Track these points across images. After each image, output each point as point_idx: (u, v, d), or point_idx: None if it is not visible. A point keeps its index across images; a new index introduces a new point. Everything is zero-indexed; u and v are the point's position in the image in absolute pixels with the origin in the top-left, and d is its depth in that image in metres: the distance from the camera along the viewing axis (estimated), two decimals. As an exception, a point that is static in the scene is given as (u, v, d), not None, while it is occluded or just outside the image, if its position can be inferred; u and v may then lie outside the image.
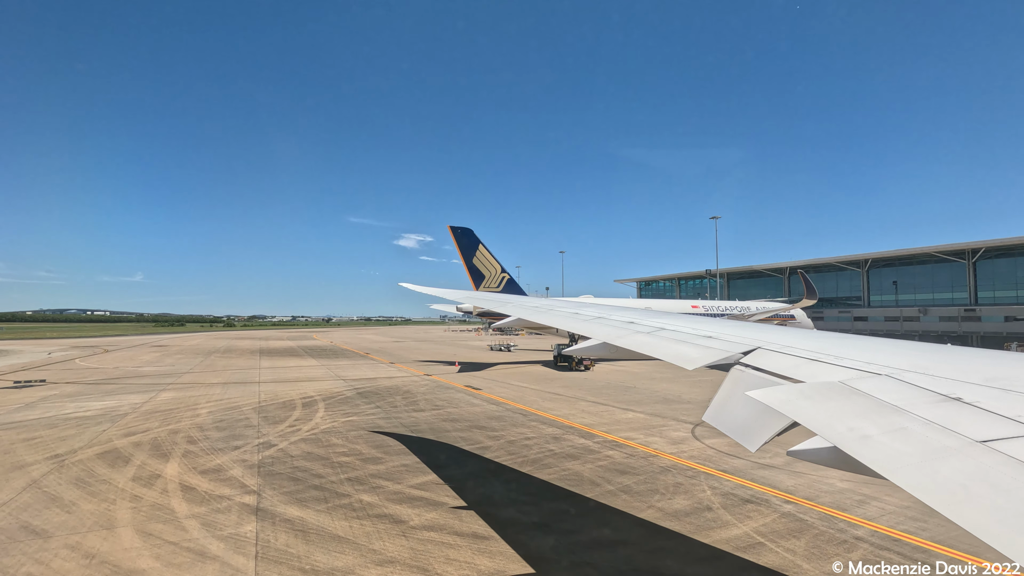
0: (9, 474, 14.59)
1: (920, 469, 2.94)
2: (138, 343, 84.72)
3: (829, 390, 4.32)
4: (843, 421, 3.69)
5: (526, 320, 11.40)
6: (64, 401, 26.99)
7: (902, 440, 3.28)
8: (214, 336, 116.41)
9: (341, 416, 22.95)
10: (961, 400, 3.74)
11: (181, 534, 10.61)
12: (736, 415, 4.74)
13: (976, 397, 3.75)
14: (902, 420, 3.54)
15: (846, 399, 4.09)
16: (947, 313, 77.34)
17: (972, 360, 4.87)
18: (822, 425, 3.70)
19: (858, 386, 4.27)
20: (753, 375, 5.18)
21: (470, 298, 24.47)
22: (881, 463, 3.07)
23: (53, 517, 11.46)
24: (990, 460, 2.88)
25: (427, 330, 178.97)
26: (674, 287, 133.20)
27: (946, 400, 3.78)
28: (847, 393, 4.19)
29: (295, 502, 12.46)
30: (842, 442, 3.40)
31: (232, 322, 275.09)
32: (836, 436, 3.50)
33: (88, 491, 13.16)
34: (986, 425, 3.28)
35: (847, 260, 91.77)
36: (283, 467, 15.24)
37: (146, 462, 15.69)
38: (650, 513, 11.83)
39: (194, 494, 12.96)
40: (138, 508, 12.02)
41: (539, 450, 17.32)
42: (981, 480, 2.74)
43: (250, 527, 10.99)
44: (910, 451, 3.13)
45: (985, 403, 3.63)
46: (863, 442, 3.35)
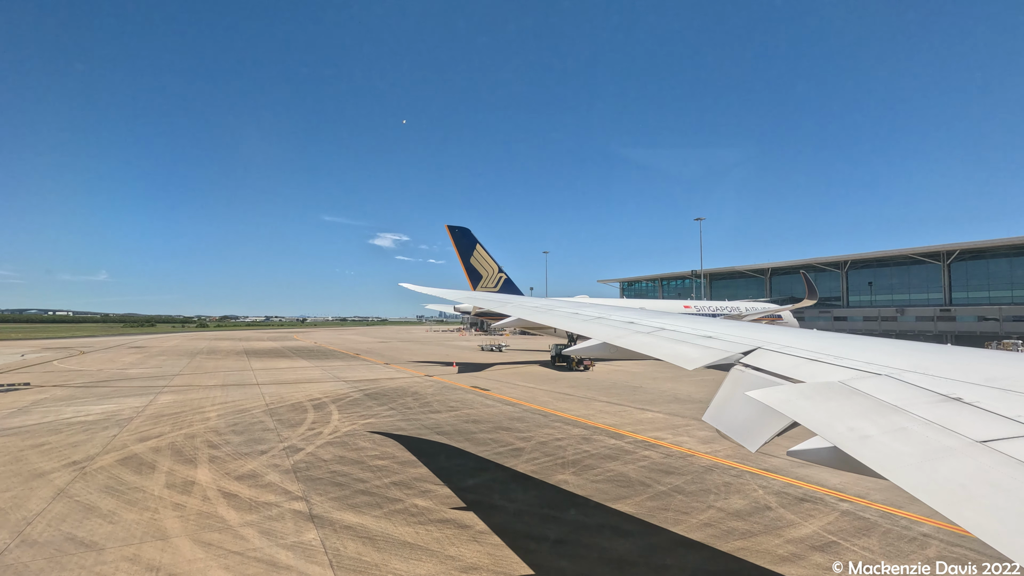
0: (30, 483, 13.82)
1: (920, 469, 2.95)
2: (113, 344, 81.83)
3: (829, 390, 4.33)
4: (843, 421, 3.71)
5: (526, 320, 11.32)
6: (59, 405, 25.81)
7: (902, 440, 3.29)
8: (191, 337, 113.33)
9: (358, 419, 22.46)
10: (961, 400, 3.75)
11: (242, 543, 10.17)
12: (736, 415, 4.74)
13: (976, 397, 3.76)
14: (902, 420, 3.56)
15: (846, 399, 4.10)
16: (923, 313, 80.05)
17: (972, 360, 4.90)
18: (822, 425, 3.70)
19: (858, 386, 4.29)
20: (753, 375, 5.18)
21: (470, 298, 24.26)
22: (881, 463, 3.08)
23: (97, 528, 10.87)
24: (990, 460, 2.89)
25: (408, 330, 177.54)
26: (656, 288, 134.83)
27: (946, 400, 3.79)
28: (847, 393, 4.21)
29: (348, 508, 12.08)
30: (842, 442, 3.40)
31: (205, 323, 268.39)
32: (836, 436, 3.50)
33: (124, 500, 12.54)
34: (986, 425, 3.29)
35: (827, 261, 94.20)
36: (319, 472, 14.80)
37: (174, 468, 15.06)
38: (712, 513, 11.81)
39: (238, 501, 12.47)
40: (185, 517, 11.49)
41: (574, 451, 17.21)
42: (981, 480, 2.75)
43: (312, 535, 10.60)
44: (910, 451, 3.13)
45: (985, 403, 3.64)
46: (863, 442, 3.36)
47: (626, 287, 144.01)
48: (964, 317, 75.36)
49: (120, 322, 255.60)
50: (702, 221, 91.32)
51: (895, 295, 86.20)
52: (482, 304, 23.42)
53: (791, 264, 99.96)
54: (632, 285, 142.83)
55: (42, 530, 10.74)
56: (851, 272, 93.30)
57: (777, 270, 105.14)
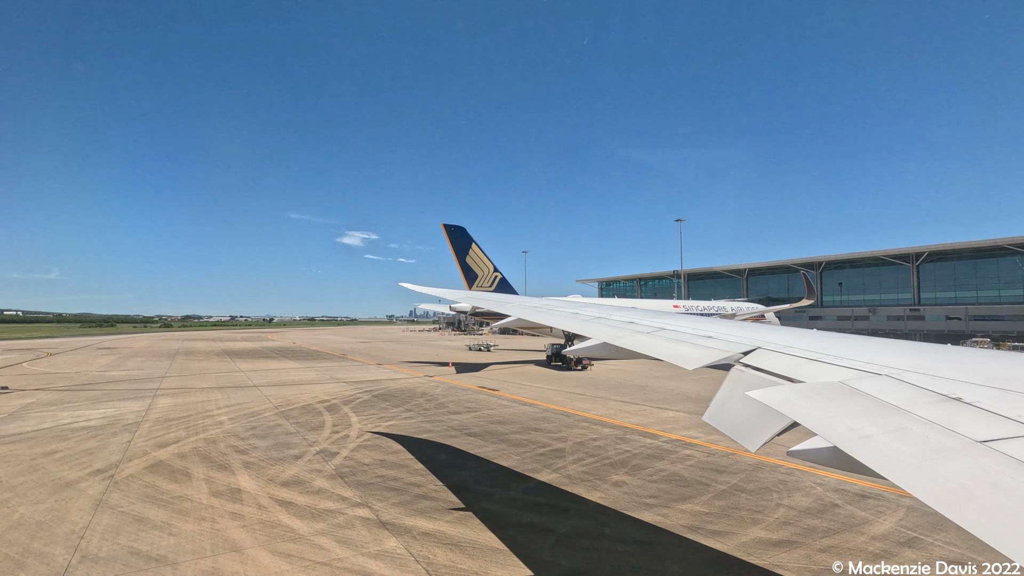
0: (61, 493, 12.93)
1: (920, 469, 2.96)
2: (79, 345, 78.14)
3: (829, 390, 4.35)
4: (843, 421, 3.72)
5: (527, 320, 11.30)
6: (52, 410, 24.37)
7: (902, 440, 3.30)
8: (160, 337, 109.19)
9: (378, 421, 21.89)
10: (961, 400, 3.77)
11: (323, 553, 9.69)
12: (736, 415, 4.75)
13: (976, 397, 3.79)
14: (902, 420, 3.57)
15: (846, 399, 4.12)
16: (894, 312, 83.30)
17: (972, 360, 4.96)
18: (822, 425, 3.73)
19: (858, 386, 4.31)
20: (753, 375, 5.21)
21: (471, 298, 24.01)
22: (881, 463, 3.09)
23: (159, 540, 10.21)
24: (990, 460, 2.90)
25: (384, 330, 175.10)
26: (635, 287, 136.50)
27: (946, 400, 3.81)
28: (847, 393, 4.22)
29: (415, 513, 11.68)
30: (842, 442, 3.43)
31: (168, 323, 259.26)
32: (836, 436, 3.52)
33: (173, 510, 11.84)
34: (986, 425, 3.31)
35: (802, 262, 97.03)
36: (366, 476, 14.30)
37: (211, 476, 14.32)
38: (784, 512, 11.87)
39: (296, 509, 11.91)
40: (247, 526, 10.90)
41: (614, 451, 17.12)
42: (981, 480, 2.76)
43: (392, 542, 10.18)
44: (910, 451, 3.14)
45: (985, 403, 3.66)
46: (863, 442, 3.37)
47: (604, 287, 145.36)
48: (933, 316, 78.83)
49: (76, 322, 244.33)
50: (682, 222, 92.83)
51: (867, 295, 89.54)
52: (482, 304, 23.12)
53: (767, 265, 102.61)
54: (610, 285, 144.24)
55: (99, 544, 10.02)
56: (825, 273, 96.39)
57: (754, 271, 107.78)
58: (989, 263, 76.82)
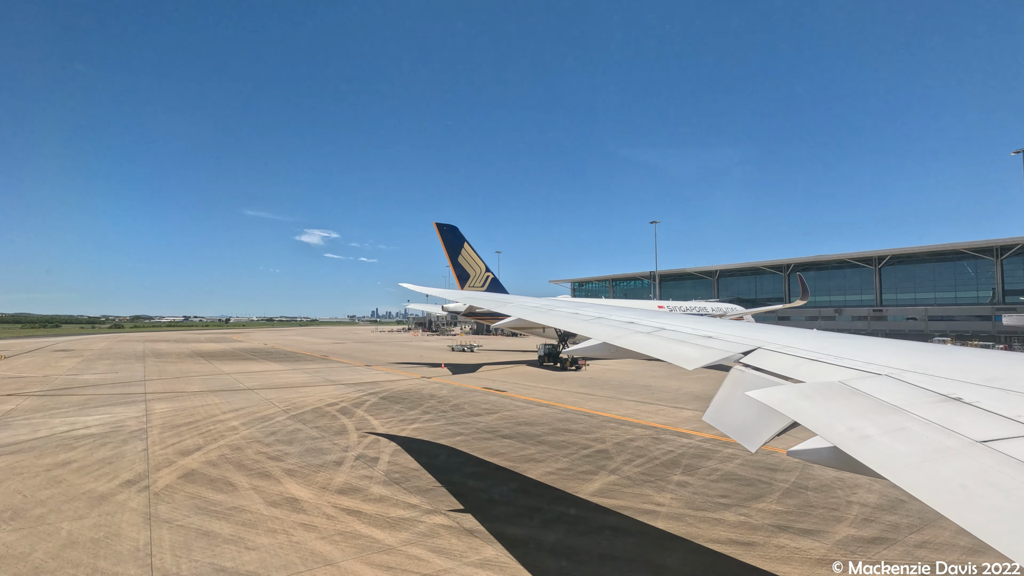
0: (101, 507, 11.92)
1: (920, 469, 2.98)
2: (32, 347, 73.31)
3: (829, 390, 4.37)
4: (843, 421, 3.75)
5: (526, 320, 11.36)
6: (40, 416, 22.66)
7: (902, 440, 3.32)
8: (117, 339, 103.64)
9: (400, 423, 21.24)
10: (961, 400, 3.80)
11: (425, 565, 9.21)
12: (736, 415, 4.80)
13: (976, 397, 3.81)
14: (902, 420, 3.58)
15: (846, 399, 4.15)
16: (858, 313, 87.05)
17: (972, 360, 5.03)
18: (822, 425, 3.78)
19: (858, 386, 4.34)
20: (753, 375, 5.26)
21: (469, 298, 23.70)
22: (881, 463, 3.11)
23: (240, 556, 9.50)
24: (990, 460, 2.92)
25: (352, 330, 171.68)
26: (607, 288, 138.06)
27: (946, 400, 3.84)
28: (847, 393, 4.25)
29: (498, 519, 11.29)
30: (842, 442, 3.48)
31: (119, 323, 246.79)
32: (836, 436, 3.57)
33: (235, 521, 11.07)
34: (986, 425, 3.33)
35: (771, 264, 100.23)
36: (423, 482, 13.77)
37: (257, 484, 13.51)
38: (859, 509, 12.04)
39: (369, 518, 11.32)
40: (328, 538, 10.28)
41: (657, 451, 17.09)
42: (981, 480, 2.78)
43: (490, 551, 9.78)
44: (910, 451, 3.16)
45: (985, 403, 3.69)
46: (863, 442, 3.39)
47: (577, 287, 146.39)
48: (895, 317, 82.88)
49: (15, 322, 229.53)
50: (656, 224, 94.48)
51: (832, 296, 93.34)
52: (482, 304, 22.83)
53: (738, 267, 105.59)
54: (583, 286, 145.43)
55: (174, 562, 9.25)
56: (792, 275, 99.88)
57: (724, 272, 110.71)
58: (946, 266, 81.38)
